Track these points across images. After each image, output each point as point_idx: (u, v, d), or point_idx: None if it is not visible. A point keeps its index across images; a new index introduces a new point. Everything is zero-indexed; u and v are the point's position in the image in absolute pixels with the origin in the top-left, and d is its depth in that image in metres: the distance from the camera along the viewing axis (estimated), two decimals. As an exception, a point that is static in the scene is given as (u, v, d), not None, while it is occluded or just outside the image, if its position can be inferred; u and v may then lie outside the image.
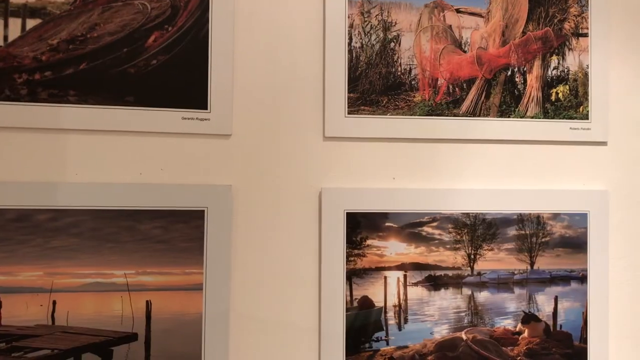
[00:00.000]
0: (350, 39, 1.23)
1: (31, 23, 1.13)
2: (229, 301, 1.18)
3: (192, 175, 1.18)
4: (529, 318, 1.30)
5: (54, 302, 1.12)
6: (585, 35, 1.33)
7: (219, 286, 1.17)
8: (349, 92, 1.22)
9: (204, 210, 1.17)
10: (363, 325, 1.22)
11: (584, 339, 1.31)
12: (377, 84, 1.23)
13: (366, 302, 1.22)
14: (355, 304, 1.22)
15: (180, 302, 1.16)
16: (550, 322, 1.31)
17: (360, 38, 1.23)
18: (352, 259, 1.21)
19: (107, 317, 1.13)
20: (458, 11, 1.28)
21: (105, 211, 1.13)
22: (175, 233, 1.16)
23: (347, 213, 1.21)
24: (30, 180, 1.12)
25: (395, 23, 1.25)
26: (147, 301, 1.15)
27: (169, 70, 1.16)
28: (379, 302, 1.23)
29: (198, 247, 1.17)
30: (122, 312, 1.14)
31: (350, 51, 1.23)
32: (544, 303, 1.30)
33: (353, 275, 1.22)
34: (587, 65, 1.32)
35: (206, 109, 1.18)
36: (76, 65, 1.13)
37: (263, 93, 1.21)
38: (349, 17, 1.23)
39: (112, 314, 1.14)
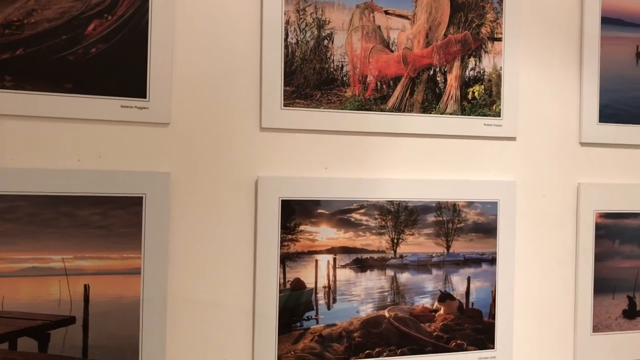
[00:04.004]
0: (287, 34, 1.29)
1: (-35, 6, 1.11)
2: (166, 285, 1.21)
3: (130, 163, 1.20)
4: (444, 297, 1.41)
5: (-11, 287, 1.12)
6: (499, 39, 1.45)
7: (156, 270, 1.21)
8: (284, 86, 1.28)
9: (142, 197, 1.20)
10: (295, 305, 1.29)
11: (492, 315, 1.44)
12: (311, 79, 1.30)
13: (298, 284, 1.30)
14: (288, 285, 1.29)
15: (118, 286, 1.19)
16: (464, 301, 1.42)
17: (296, 34, 1.29)
18: (286, 243, 1.28)
19: (44, 302, 1.14)
20: (387, 13, 1.37)
21: (43, 197, 1.14)
22: (114, 219, 1.18)
23: (282, 200, 1.28)
24: (-35, 165, 1.11)
25: (329, 21, 1.32)
26: (85, 285, 1.16)
27: (109, 58, 1.18)
28: (310, 283, 1.30)
29: (136, 232, 1.20)
30: (60, 296, 1.15)
31: (286, 46, 1.28)
32: (458, 283, 1.42)
33: (286, 258, 1.28)
34: (501, 67, 1.44)
35: (145, 97, 1.20)
36: (12, 51, 1.12)
37: (202, 83, 1.25)
38: (285, 14, 1.28)
39: (49, 298, 1.15)
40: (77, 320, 1.16)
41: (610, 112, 1.54)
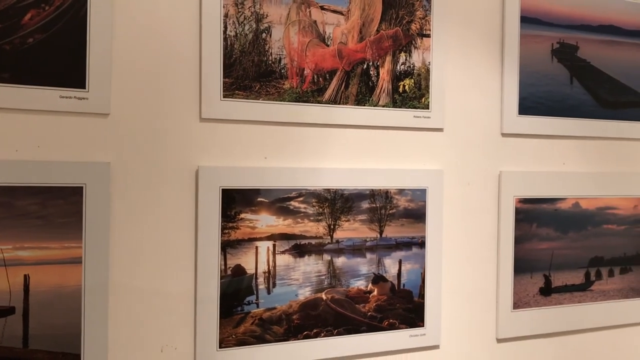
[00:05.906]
0: (226, 27, 1.31)
1: None
2: (108, 273, 1.22)
3: (70, 153, 1.20)
4: (378, 279, 1.48)
5: None
6: (428, 36, 1.53)
7: (97, 259, 1.21)
8: (224, 77, 1.31)
9: (82, 187, 1.21)
10: (236, 290, 1.33)
11: (422, 295, 1.53)
12: (250, 71, 1.34)
13: (239, 270, 1.34)
14: (229, 272, 1.32)
15: (59, 275, 1.19)
16: (396, 282, 1.50)
17: (235, 27, 1.32)
18: (227, 231, 1.32)
19: (-18, 293, 1.14)
20: (322, 8, 1.42)
21: (-21, 188, 1.13)
22: (53, 209, 1.18)
23: (222, 189, 1.31)
24: None
25: (267, 15, 1.36)
26: (25, 275, 1.16)
27: (47, 48, 1.17)
28: (250, 269, 1.35)
29: (76, 222, 1.20)
30: (-2, 287, 1.15)
31: (225, 39, 1.31)
32: (390, 266, 1.50)
33: (227, 246, 1.32)
34: (429, 62, 1.53)
35: (84, 88, 1.20)
36: (-56, 39, 1.11)
37: (142, 74, 1.26)
38: (224, 7, 1.31)
39: (-13, 289, 1.14)
40: (16, 311, 1.16)
41: (528, 105, 1.66)
